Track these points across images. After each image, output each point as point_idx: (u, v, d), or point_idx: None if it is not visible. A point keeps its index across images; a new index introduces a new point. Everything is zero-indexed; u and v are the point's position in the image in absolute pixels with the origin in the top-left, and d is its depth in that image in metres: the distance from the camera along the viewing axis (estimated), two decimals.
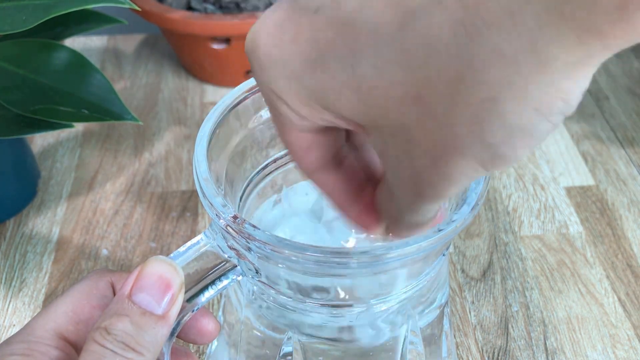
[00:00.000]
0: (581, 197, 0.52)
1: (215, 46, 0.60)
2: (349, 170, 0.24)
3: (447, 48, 0.16)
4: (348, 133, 0.25)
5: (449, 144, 0.17)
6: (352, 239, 0.33)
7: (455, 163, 0.18)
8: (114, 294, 0.27)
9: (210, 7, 0.60)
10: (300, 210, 0.34)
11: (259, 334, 0.31)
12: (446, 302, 0.33)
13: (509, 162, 0.18)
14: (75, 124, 0.43)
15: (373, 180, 0.25)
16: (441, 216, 0.25)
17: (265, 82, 0.21)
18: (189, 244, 0.27)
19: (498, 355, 0.41)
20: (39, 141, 0.57)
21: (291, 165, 0.33)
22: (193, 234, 0.48)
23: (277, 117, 0.22)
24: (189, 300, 0.26)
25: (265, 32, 0.20)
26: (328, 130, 0.22)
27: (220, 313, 0.35)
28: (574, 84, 0.16)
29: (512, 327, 0.42)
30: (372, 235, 0.26)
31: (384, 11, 0.17)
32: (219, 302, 0.43)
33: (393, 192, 0.21)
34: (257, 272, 0.27)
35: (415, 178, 0.19)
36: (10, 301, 0.44)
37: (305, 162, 0.23)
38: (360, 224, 0.25)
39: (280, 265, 0.26)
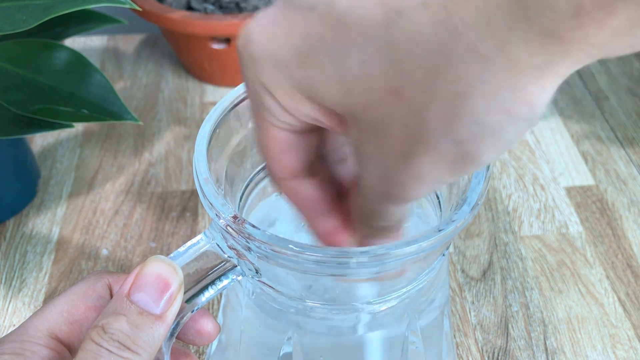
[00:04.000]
0: (581, 197, 0.52)
1: (215, 46, 0.60)
2: (321, 183, 0.25)
3: (428, 44, 0.17)
4: (324, 145, 0.25)
5: (421, 139, 0.19)
6: None
7: (425, 161, 0.19)
8: (111, 295, 0.27)
9: (210, 7, 0.60)
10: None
11: (259, 334, 0.31)
12: (446, 302, 0.33)
13: (475, 165, 0.19)
14: (75, 124, 0.43)
15: (346, 198, 0.25)
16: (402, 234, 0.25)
17: (254, 73, 0.22)
18: (189, 244, 0.27)
19: (498, 355, 0.41)
20: (39, 141, 0.57)
21: None
22: (193, 234, 0.48)
23: (258, 113, 0.23)
24: (189, 300, 0.26)
25: (259, 27, 0.21)
26: (306, 133, 0.23)
27: (220, 313, 0.35)
28: (539, 90, 0.17)
29: (512, 327, 0.42)
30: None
31: (373, 10, 0.18)
32: (219, 302, 0.43)
33: (363, 192, 0.22)
34: (257, 272, 0.27)
35: (385, 175, 0.21)
36: (10, 301, 0.44)
37: (280, 166, 0.24)
38: (328, 238, 0.25)
39: (280, 266, 0.26)
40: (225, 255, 0.26)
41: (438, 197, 0.30)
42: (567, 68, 0.17)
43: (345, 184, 0.26)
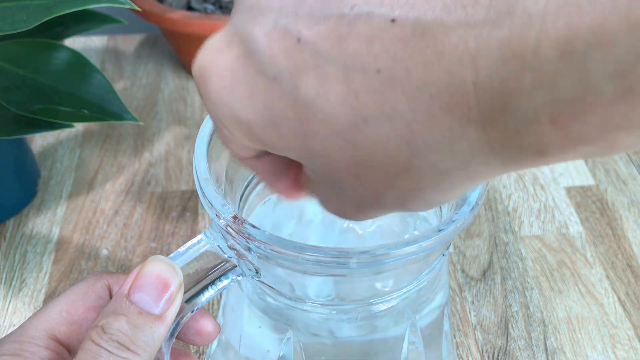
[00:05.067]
0: (581, 197, 0.52)
1: None
2: (279, 155, 0.25)
3: (389, 155, 0.18)
4: None
5: (375, 204, 0.21)
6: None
7: (376, 212, 0.21)
8: (111, 296, 0.27)
9: (210, 7, 0.60)
10: (300, 210, 0.34)
11: (259, 333, 0.31)
12: (446, 302, 0.33)
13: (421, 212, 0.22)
14: (75, 124, 0.43)
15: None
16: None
17: (212, 111, 0.21)
18: (189, 244, 0.27)
19: (498, 355, 0.41)
20: (39, 141, 0.57)
21: None
22: (193, 234, 0.48)
23: (219, 130, 0.23)
24: (189, 300, 0.26)
25: (218, 71, 0.20)
26: None
27: (220, 313, 0.35)
28: (488, 181, 0.20)
29: (512, 327, 0.42)
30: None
31: (339, 108, 0.18)
32: (219, 302, 0.43)
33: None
34: (257, 272, 0.27)
35: (339, 211, 0.22)
36: (10, 301, 0.44)
37: (240, 156, 0.24)
38: (286, 196, 0.26)
39: (280, 266, 0.26)
40: (225, 255, 0.26)
41: None
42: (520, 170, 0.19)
43: None
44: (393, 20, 0.16)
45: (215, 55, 0.21)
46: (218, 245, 0.26)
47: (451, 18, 0.16)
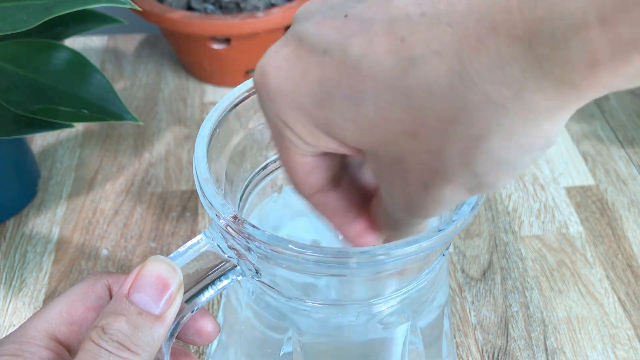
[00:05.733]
0: (581, 197, 0.52)
1: (215, 46, 0.60)
2: (346, 190, 0.25)
3: (443, 93, 0.18)
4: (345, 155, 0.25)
5: (440, 173, 0.20)
6: None
7: (444, 189, 0.20)
8: (111, 296, 0.27)
9: (210, 7, 0.60)
10: (300, 210, 0.34)
11: (259, 334, 0.31)
12: (446, 302, 0.33)
13: (493, 189, 0.20)
14: (75, 124, 0.43)
15: (370, 198, 0.26)
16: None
17: (273, 110, 0.22)
18: (189, 244, 0.27)
19: (498, 355, 0.41)
20: (39, 141, 0.57)
21: None
22: (193, 234, 0.48)
23: (281, 143, 0.23)
24: (189, 300, 0.26)
25: (275, 65, 0.21)
26: (329, 154, 0.24)
27: (220, 313, 0.35)
28: (554, 125, 0.18)
29: (512, 327, 0.42)
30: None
31: (386, 58, 0.18)
32: (219, 302, 0.43)
33: (387, 209, 0.23)
34: (257, 272, 0.27)
35: (408, 200, 0.22)
36: (10, 301, 0.44)
37: (306, 186, 0.24)
38: (356, 240, 0.26)
39: (280, 266, 0.26)
40: (225, 256, 0.26)
41: None
42: (579, 105, 0.18)
43: (369, 186, 0.27)
44: None
45: (272, 56, 0.22)
46: (218, 245, 0.26)
47: None
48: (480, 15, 0.16)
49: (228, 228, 0.25)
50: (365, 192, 0.27)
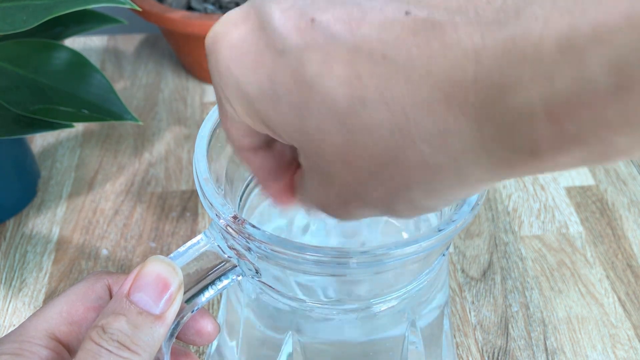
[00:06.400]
0: (581, 197, 0.52)
1: None
2: (277, 151, 0.25)
3: (383, 141, 0.18)
4: None
5: (360, 198, 0.20)
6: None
7: (360, 209, 0.21)
8: (111, 296, 0.27)
9: (210, 7, 0.60)
10: (301, 210, 0.34)
11: (259, 334, 0.31)
12: (446, 302, 0.33)
13: (406, 219, 0.22)
14: (75, 124, 0.43)
15: (297, 161, 0.26)
16: None
17: (218, 83, 0.22)
18: (189, 244, 0.27)
19: (498, 355, 0.41)
20: (39, 141, 0.57)
21: None
22: (193, 234, 0.48)
23: (221, 107, 0.23)
24: (189, 300, 0.26)
25: (230, 42, 0.21)
26: None
27: (220, 313, 0.35)
28: (478, 191, 0.19)
29: (512, 327, 0.42)
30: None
31: (339, 88, 0.18)
32: (219, 302, 0.43)
33: (304, 194, 0.24)
34: (257, 272, 0.27)
35: (324, 204, 0.22)
36: (10, 301, 0.44)
37: (237, 145, 0.24)
38: (276, 200, 0.26)
39: (280, 266, 0.26)
40: (225, 255, 0.26)
41: None
42: (509, 179, 0.19)
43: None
44: (407, 13, 0.17)
45: (230, 28, 0.21)
46: (218, 245, 0.26)
47: (462, 17, 0.16)
48: (437, 80, 0.17)
49: (228, 228, 0.25)
50: (295, 160, 0.27)
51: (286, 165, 0.25)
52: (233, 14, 0.21)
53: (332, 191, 0.21)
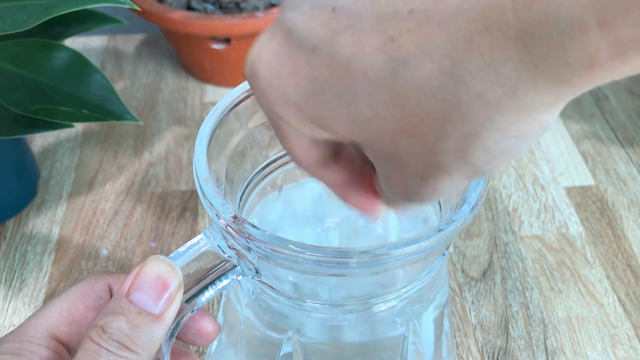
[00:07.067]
0: (581, 197, 0.52)
1: (215, 46, 0.60)
2: (347, 160, 0.25)
3: (435, 93, 0.18)
4: None
5: (435, 166, 0.20)
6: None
7: (441, 179, 0.20)
8: (111, 295, 0.27)
9: (210, 7, 0.60)
10: (301, 210, 0.34)
11: (259, 334, 0.31)
12: (446, 302, 0.33)
13: (490, 174, 0.20)
14: (75, 124, 0.43)
15: (371, 169, 0.26)
16: None
17: (266, 105, 0.22)
18: (189, 244, 0.27)
19: (498, 355, 0.41)
20: (39, 141, 0.57)
21: (291, 165, 0.33)
22: (193, 234, 0.48)
23: (278, 130, 0.23)
24: (189, 300, 0.26)
25: (265, 61, 0.21)
26: None
27: (220, 313, 0.35)
28: (549, 116, 0.18)
29: (512, 327, 0.42)
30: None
31: (376, 58, 0.18)
32: (219, 302, 0.43)
33: (384, 190, 0.23)
34: (257, 272, 0.27)
35: (405, 189, 0.22)
36: (10, 301, 0.44)
37: (306, 162, 0.24)
38: (363, 210, 0.26)
39: (280, 266, 0.26)
40: (225, 255, 0.26)
41: None
42: (575, 96, 0.17)
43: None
44: None
45: (262, 50, 0.21)
46: (218, 245, 0.26)
47: None
48: (471, 14, 0.16)
49: (228, 228, 0.25)
50: (367, 162, 0.26)
51: (360, 173, 0.25)
52: (262, 38, 0.22)
53: (407, 171, 0.20)
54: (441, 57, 0.17)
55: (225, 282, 0.27)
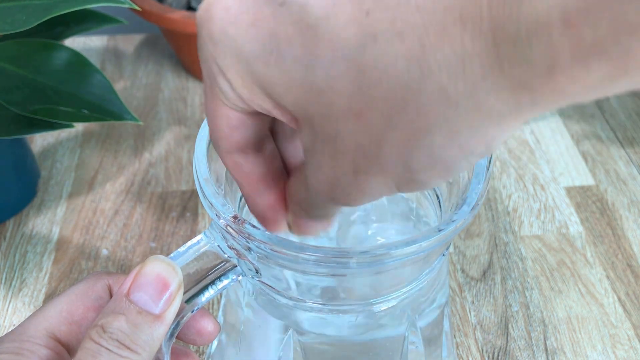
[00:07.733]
0: (581, 197, 0.52)
1: None
2: (267, 159, 0.24)
3: (398, 77, 0.17)
4: (274, 121, 0.24)
5: (374, 161, 0.19)
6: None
7: (374, 179, 0.20)
8: (111, 296, 0.27)
9: None
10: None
11: (259, 333, 0.31)
12: (446, 302, 0.33)
13: (420, 188, 0.20)
14: (75, 124, 0.43)
15: (288, 176, 0.25)
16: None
17: (211, 53, 0.21)
18: (189, 244, 0.27)
19: (498, 355, 0.41)
20: (39, 141, 0.57)
21: None
22: (193, 234, 0.48)
23: (211, 90, 0.22)
24: (189, 300, 0.26)
25: (224, 5, 0.20)
26: (259, 114, 0.22)
27: (220, 313, 0.35)
28: (499, 133, 0.18)
29: (512, 327, 0.42)
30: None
31: (347, 27, 0.17)
32: (219, 302, 0.43)
33: (306, 188, 0.22)
34: (257, 272, 0.27)
35: (333, 184, 0.21)
36: (10, 301, 0.44)
37: (226, 141, 0.23)
38: (264, 217, 0.25)
39: (280, 266, 0.26)
40: (225, 255, 0.26)
41: (438, 197, 0.30)
42: (530, 115, 0.17)
43: (291, 163, 0.26)
44: None
45: None
46: (218, 245, 0.26)
47: None
48: (449, 3, 0.16)
49: (228, 228, 0.25)
50: (285, 167, 0.25)
51: (277, 174, 0.24)
52: None
53: (342, 160, 0.19)
54: (412, 42, 0.16)
55: (225, 282, 0.27)
